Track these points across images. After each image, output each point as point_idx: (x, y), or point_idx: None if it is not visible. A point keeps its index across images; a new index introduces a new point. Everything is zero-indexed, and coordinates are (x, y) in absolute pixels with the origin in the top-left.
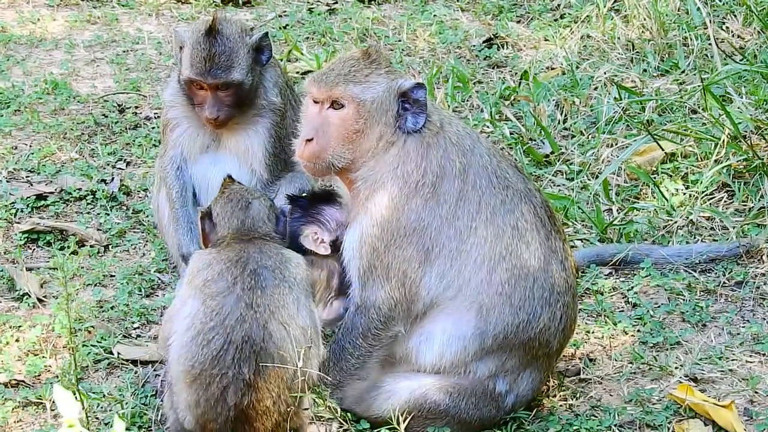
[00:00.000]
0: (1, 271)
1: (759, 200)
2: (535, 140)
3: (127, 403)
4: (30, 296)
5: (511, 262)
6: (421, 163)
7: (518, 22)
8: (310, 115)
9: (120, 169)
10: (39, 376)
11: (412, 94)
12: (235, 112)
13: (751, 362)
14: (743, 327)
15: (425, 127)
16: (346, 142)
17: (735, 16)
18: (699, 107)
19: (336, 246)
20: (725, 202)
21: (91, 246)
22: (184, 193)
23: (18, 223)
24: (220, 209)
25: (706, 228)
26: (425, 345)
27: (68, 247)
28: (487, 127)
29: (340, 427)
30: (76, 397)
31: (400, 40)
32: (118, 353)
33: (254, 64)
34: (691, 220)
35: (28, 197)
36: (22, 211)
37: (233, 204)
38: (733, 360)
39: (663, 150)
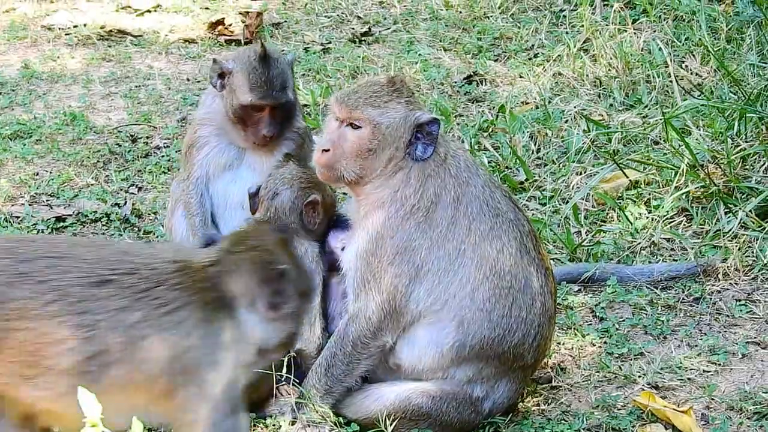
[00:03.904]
0: None
1: (715, 224)
2: (511, 168)
3: None
4: None
5: (493, 282)
6: (419, 190)
7: (496, 60)
8: (330, 128)
9: (132, 193)
10: None
11: (427, 127)
12: (283, 129)
13: (708, 371)
14: (701, 339)
15: (431, 158)
16: (358, 159)
17: (694, 55)
18: (660, 139)
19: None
20: (684, 225)
21: None
22: (206, 222)
23: None
24: (261, 190)
25: (666, 249)
26: (407, 348)
27: None
28: None
29: (332, 430)
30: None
31: None
32: None
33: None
34: (653, 241)
35: (48, 219)
36: (42, 232)
37: (266, 191)
38: (691, 369)
39: (628, 178)
